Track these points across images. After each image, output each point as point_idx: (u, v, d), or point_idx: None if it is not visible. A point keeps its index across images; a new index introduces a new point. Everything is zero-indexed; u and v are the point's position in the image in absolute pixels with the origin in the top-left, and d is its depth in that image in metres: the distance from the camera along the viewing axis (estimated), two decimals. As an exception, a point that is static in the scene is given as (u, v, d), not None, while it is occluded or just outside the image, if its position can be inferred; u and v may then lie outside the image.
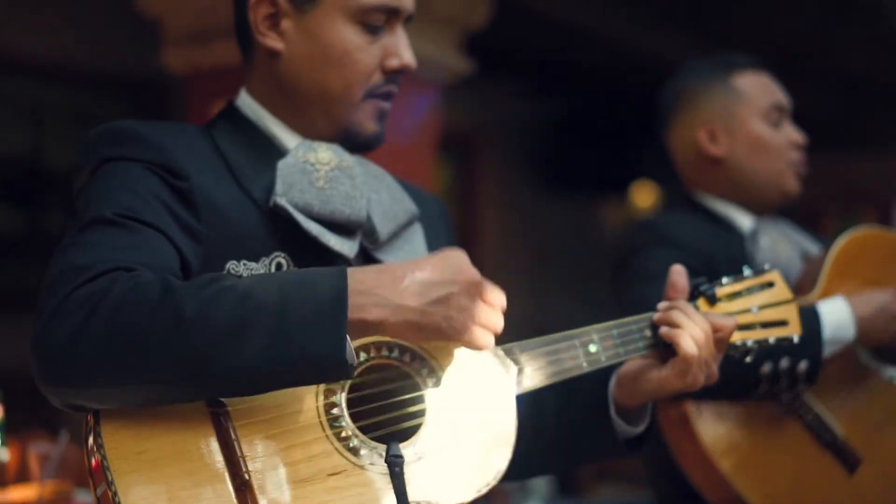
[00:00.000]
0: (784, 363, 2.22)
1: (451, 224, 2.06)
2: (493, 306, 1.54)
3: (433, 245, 1.90)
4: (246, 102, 1.81)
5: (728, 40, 5.58)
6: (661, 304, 1.77)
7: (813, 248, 2.64)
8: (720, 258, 2.42)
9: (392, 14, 1.75)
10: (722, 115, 2.63)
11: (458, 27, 4.68)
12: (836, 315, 2.30)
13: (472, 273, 1.51)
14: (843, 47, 6.81)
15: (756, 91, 2.64)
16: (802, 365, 2.24)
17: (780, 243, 2.56)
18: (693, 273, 1.85)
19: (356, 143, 1.81)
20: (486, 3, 4.75)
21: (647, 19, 6.46)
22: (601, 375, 1.79)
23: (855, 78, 7.53)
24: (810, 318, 2.24)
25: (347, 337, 1.42)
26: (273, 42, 1.75)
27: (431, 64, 4.55)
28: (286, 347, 1.40)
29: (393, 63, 1.76)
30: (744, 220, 2.64)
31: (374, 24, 1.74)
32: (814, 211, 7.99)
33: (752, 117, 2.62)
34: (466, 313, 1.50)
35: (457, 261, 1.51)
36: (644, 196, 8.87)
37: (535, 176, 8.29)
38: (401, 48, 1.76)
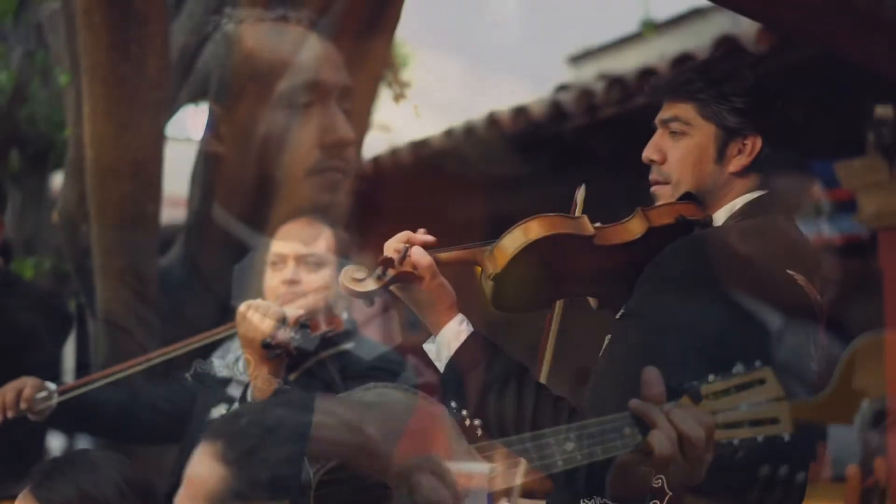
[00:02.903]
0: (783, 470, 2.16)
1: None
2: (443, 479, 1.52)
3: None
4: (217, 210, 1.84)
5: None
6: (633, 402, 1.73)
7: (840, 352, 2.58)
8: (736, 349, 2.38)
9: (318, 90, 1.73)
10: None
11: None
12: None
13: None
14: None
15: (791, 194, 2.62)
16: (801, 476, 2.18)
17: (803, 346, 2.51)
18: (706, 359, 1.81)
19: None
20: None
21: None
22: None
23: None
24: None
25: (307, 460, 1.43)
26: (215, 147, 1.77)
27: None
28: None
29: (329, 138, 1.74)
30: (774, 319, 2.59)
31: (300, 104, 1.72)
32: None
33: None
34: (429, 463, 1.49)
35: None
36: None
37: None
38: (335, 123, 1.74)
